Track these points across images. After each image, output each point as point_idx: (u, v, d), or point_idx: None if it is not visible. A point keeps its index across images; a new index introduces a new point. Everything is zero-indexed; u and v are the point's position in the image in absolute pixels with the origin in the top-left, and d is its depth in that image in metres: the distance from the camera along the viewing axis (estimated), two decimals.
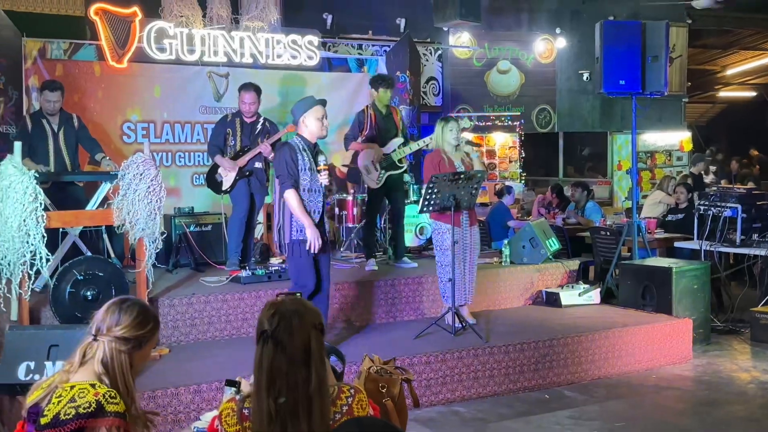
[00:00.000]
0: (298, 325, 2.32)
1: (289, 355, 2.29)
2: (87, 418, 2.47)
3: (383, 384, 2.90)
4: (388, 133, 7.74)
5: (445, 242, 6.32)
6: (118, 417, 2.53)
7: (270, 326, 2.31)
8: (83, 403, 2.49)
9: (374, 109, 7.75)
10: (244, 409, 2.39)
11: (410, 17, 11.27)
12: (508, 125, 12.16)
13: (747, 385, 6.17)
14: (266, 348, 2.31)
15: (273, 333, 2.30)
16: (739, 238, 7.74)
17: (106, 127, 8.35)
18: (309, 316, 2.37)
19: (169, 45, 8.09)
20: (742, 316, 7.83)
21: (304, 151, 5.47)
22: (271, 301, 2.41)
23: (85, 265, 5.74)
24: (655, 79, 7.75)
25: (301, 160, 5.42)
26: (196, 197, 8.62)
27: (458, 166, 6.50)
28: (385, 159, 7.68)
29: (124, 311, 2.66)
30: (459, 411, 5.63)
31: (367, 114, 7.73)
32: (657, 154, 13.73)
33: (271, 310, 2.36)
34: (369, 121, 7.70)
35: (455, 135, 6.52)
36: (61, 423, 2.47)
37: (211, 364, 5.57)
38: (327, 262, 5.76)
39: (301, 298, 2.53)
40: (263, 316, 2.36)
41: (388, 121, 7.79)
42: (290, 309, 2.35)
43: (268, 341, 2.31)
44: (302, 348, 2.30)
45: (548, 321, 6.93)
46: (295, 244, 5.49)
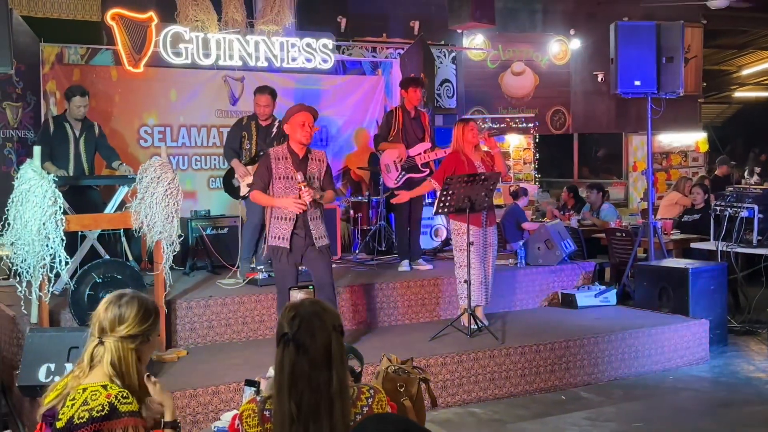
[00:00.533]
0: (319, 327, 2.33)
1: (310, 358, 2.29)
2: (101, 422, 2.49)
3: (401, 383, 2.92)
4: (415, 136, 7.78)
5: (463, 242, 6.31)
6: (133, 416, 2.55)
7: (291, 329, 2.32)
8: (96, 406, 2.50)
9: (403, 110, 7.80)
10: (265, 411, 2.40)
11: (424, 20, 11.28)
12: (522, 127, 12.14)
13: (765, 386, 6.14)
14: (287, 351, 2.31)
15: (294, 336, 2.31)
16: (756, 238, 7.69)
17: (123, 131, 8.41)
18: (328, 317, 2.37)
19: (184, 49, 8.14)
20: (759, 316, 7.80)
21: (284, 159, 5.55)
22: (290, 303, 2.42)
23: (104, 268, 5.80)
24: (670, 79, 7.73)
25: (276, 168, 5.52)
26: (212, 200, 8.68)
27: (478, 166, 6.50)
28: (407, 161, 7.71)
29: (124, 307, 2.64)
30: (475, 412, 5.64)
31: (395, 115, 7.80)
32: (672, 155, 13.67)
33: (291, 312, 2.36)
34: (396, 122, 7.75)
35: (476, 134, 6.54)
36: (75, 427, 2.48)
37: (228, 365, 5.60)
38: (323, 268, 5.68)
39: (318, 300, 2.55)
40: (283, 319, 2.36)
41: (416, 123, 7.82)
42: (310, 311, 2.36)
43: (289, 344, 2.31)
44: (323, 350, 2.31)
45: (564, 322, 6.92)
46: (273, 249, 5.62)
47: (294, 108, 5.70)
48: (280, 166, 5.53)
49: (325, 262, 5.71)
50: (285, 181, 5.51)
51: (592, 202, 10.26)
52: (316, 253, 5.62)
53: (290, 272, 5.63)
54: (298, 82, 9.36)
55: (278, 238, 5.55)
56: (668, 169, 13.54)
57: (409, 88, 7.80)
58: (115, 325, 2.62)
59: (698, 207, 9.43)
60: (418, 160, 7.74)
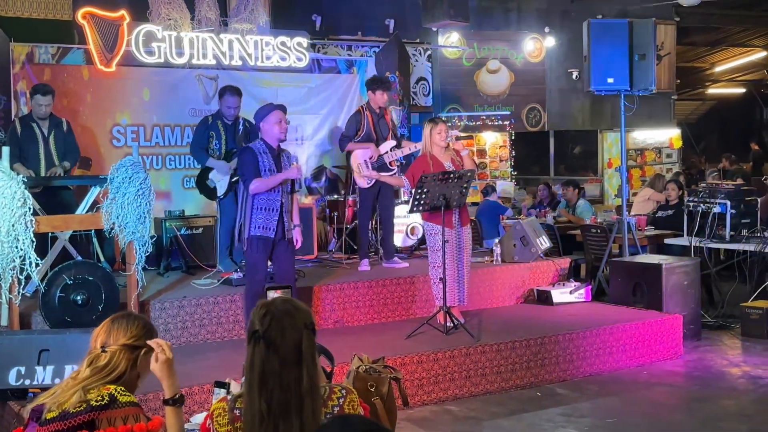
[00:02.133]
0: (290, 325, 2.32)
1: (281, 356, 2.28)
2: (100, 411, 2.44)
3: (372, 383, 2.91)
4: (382, 135, 7.80)
5: (438, 243, 6.34)
6: (134, 406, 2.51)
7: (261, 327, 2.31)
8: (95, 396, 2.47)
9: (370, 110, 7.80)
10: (236, 410, 2.39)
11: (399, 18, 11.28)
12: (498, 125, 12.19)
13: (738, 380, 6.20)
14: (258, 348, 2.31)
15: (264, 333, 2.30)
16: (729, 233, 7.77)
17: (95, 131, 8.33)
18: (300, 315, 2.37)
19: (157, 48, 8.07)
20: (732, 311, 7.86)
21: (265, 153, 5.89)
22: (262, 301, 2.41)
23: (75, 270, 5.73)
24: (643, 76, 7.79)
25: (261, 162, 5.84)
26: (186, 200, 8.61)
27: (448, 166, 6.51)
28: (378, 160, 7.72)
29: (131, 322, 2.67)
30: (451, 410, 5.64)
31: (363, 115, 7.79)
32: (647, 151, 13.78)
33: (263, 310, 2.36)
34: (366, 122, 7.75)
35: (443, 136, 6.54)
36: (70, 416, 2.43)
37: (202, 366, 5.56)
38: (288, 259, 6.01)
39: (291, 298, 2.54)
40: (255, 317, 2.36)
41: (382, 122, 7.85)
42: (282, 309, 2.35)
43: (260, 342, 2.30)
44: (294, 348, 2.30)
45: (540, 319, 6.95)
46: (252, 239, 5.87)
47: (266, 107, 6.03)
48: (264, 160, 5.86)
49: (291, 254, 6.07)
50: (270, 174, 5.84)
51: (567, 198, 10.32)
52: (285, 246, 5.96)
53: (264, 263, 5.94)
54: (272, 80, 9.31)
55: (263, 228, 5.83)
56: (642, 166, 13.64)
57: (376, 90, 7.78)
58: (120, 336, 2.62)
59: (672, 203, 9.50)
60: (386, 158, 7.74)
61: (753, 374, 6.30)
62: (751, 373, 6.34)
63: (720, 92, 20.77)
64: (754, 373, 6.32)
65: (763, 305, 7.38)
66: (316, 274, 7.33)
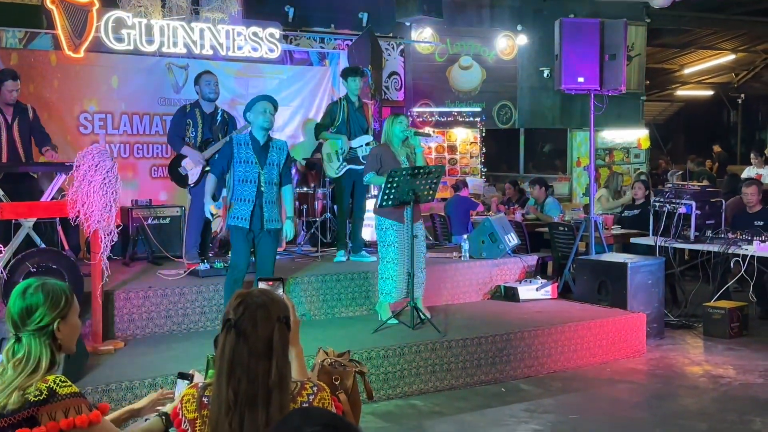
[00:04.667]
0: (263, 317, 2.32)
1: (250, 346, 2.28)
2: (39, 406, 2.36)
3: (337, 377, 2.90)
4: (358, 127, 7.80)
5: (388, 238, 6.41)
6: (75, 397, 2.43)
7: (234, 315, 2.32)
8: (33, 390, 2.38)
9: (347, 100, 7.80)
10: (204, 397, 2.39)
11: (372, 12, 11.25)
12: (469, 121, 12.22)
13: (699, 379, 6.29)
14: (229, 336, 2.31)
15: (237, 322, 2.30)
16: (693, 234, 7.87)
17: (62, 117, 8.21)
18: (275, 308, 2.36)
19: (127, 35, 7.97)
20: (695, 311, 7.97)
21: (246, 145, 5.97)
22: (239, 291, 2.41)
23: (38, 258, 5.66)
24: (613, 76, 7.85)
25: (237, 153, 5.95)
26: (154, 189, 8.53)
27: (403, 161, 6.53)
28: (350, 152, 7.71)
29: (30, 298, 2.49)
30: (416, 404, 5.66)
31: (340, 105, 7.82)
32: (615, 151, 13.90)
33: (238, 299, 2.36)
34: (342, 112, 7.75)
35: (402, 129, 6.55)
36: (9, 413, 2.34)
37: (167, 357, 5.53)
38: (267, 250, 6.07)
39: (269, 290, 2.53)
40: (230, 306, 2.36)
41: (359, 115, 7.85)
42: (257, 300, 2.35)
43: (231, 330, 2.30)
44: (265, 340, 2.30)
45: (506, 315, 6.99)
46: (230, 228, 6.11)
47: (255, 98, 6.12)
48: (241, 152, 5.93)
49: (271, 247, 6.09)
50: (245, 165, 5.93)
51: (535, 196, 10.38)
52: (266, 236, 6.00)
53: (244, 252, 6.04)
54: (243, 71, 9.25)
55: (238, 218, 5.94)
56: (611, 165, 13.76)
57: (348, 77, 7.86)
58: (26, 319, 2.48)
59: (639, 203, 9.60)
60: (360, 152, 7.75)
61: (714, 373, 6.39)
62: (712, 372, 6.44)
63: (688, 94, 21.05)
64: (715, 373, 6.41)
65: (725, 305, 7.49)
66: (284, 267, 7.31)
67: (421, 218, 6.71)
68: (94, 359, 5.35)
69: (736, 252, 7.48)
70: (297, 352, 2.55)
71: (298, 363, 2.56)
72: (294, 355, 2.49)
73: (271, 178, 5.98)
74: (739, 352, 6.98)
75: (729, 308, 7.43)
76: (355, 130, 7.80)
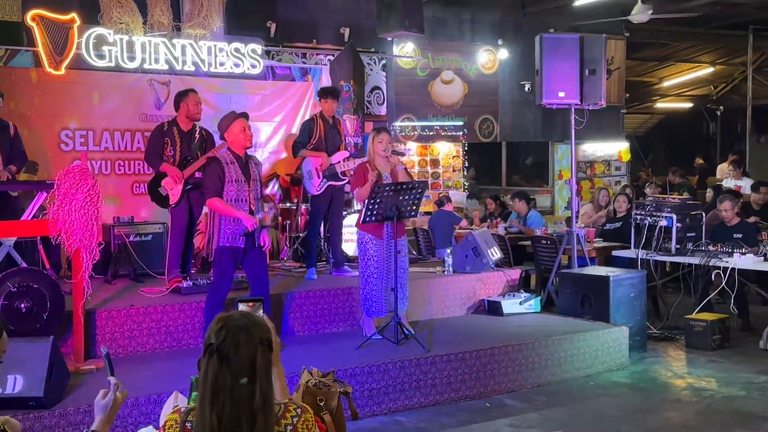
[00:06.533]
0: (245, 340, 2.30)
1: (233, 370, 2.27)
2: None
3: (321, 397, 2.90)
4: (334, 144, 7.82)
5: (367, 251, 6.42)
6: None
7: (216, 340, 2.30)
8: None
9: (322, 118, 7.82)
10: (187, 422, 2.37)
11: (354, 27, 11.30)
12: (451, 135, 12.29)
13: (682, 392, 6.32)
14: (212, 362, 2.29)
15: (219, 347, 2.29)
16: (674, 246, 7.93)
17: (43, 135, 8.18)
18: (257, 331, 2.35)
19: (108, 52, 7.96)
20: (677, 323, 8.01)
21: (232, 164, 5.93)
22: (220, 314, 2.40)
23: (19, 277, 5.60)
24: (593, 91, 7.90)
25: (228, 173, 5.89)
26: (136, 206, 8.50)
27: (386, 177, 6.53)
28: (329, 168, 7.73)
29: None
30: (401, 421, 5.65)
31: (316, 123, 7.81)
32: (596, 164, 14.00)
33: (220, 323, 2.34)
34: (318, 130, 7.77)
35: (384, 146, 6.56)
36: None
37: (150, 377, 5.48)
38: (261, 267, 6.07)
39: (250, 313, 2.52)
40: (211, 330, 2.35)
41: (334, 131, 7.88)
42: (238, 324, 2.33)
43: (214, 355, 2.29)
44: (248, 363, 2.29)
45: (490, 330, 7.00)
46: (221, 250, 5.93)
47: (229, 116, 6.06)
48: (231, 171, 5.89)
49: (264, 263, 6.11)
50: (237, 185, 5.90)
51: (517, 210, 10.41)
52: (257, 254, 6.00)
53: (231, 272, 6.02)
54: (226, 87, 9.25)
55: (232, 238, 5.88)
56: (592, 178, 13.86)
57: (321, 99, 7.91)
58: None
59: (621, 215, 9.65)
60: (338, 168, 7.76)
61: (697, 386, 6.43)
62: (695, 384, 6.47)
63: (668, 107, 21.23)
64: (697, 385, 6.44)
65: (707, 318, 7.54)
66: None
67: (405, 234, 6.72)
68: (76, 379, 5.30)
69: (717, 264, 7.54)
70: (278, 372, 2.55)
71: (279, 383, 2.56)
72: (275, 375, 2.48)
73: (257, 193, 6.05)
74: (721, 364, 7.02)
75: (710, 320, 7.48)
76: (331, 147, 7.81)
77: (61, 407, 4.76)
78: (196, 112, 7.17)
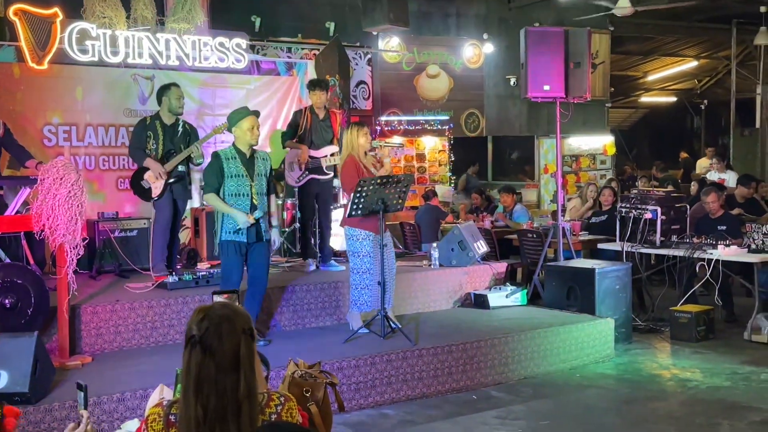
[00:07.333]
0: (228, 330, 2.29)
1: (217, 361, 2.26)
2: None
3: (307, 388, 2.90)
4: (323, 137, 7.78)
5: (363, 248, 6.38)
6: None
7: (199, 331, 2.28)
8: None
9: (311, 111, 7.80)
10: (171, 415, 2.36)
11: (339, 21, 11.29)
12: (437, 129, 12.29)
13: (667, 383, 6.36)
14: (194, 353, 2.28)
15: (201, 338, 2.28)
16: (659, 239, 7.97)
17: (26, 130, 8.10)
18: (239, 321, 2.34)
19: (91, 46, 7.90)
20: (662, 315, 8.06)
21: (233, 159, 5.93)
22: (200, 306, 2.38)
23: (3, 273, 5.56)
24: (577, 84, 7.92)
25: (227, 168, 5.89)
26: (121, 201, 8.45)
27: (373, 171, 6.53)
28: (312, 162, 7.70)
29: None
30: (388, 414, 5.66)
31: (303, 115, 7.80)
32: (582, 157, 14.05)
33: (201, 314, 2.33)
34: (305, 122, 7.74)
35: (368, 139, 6.56)
36: None
37: (135, 372, 5.46)
38: (262, 260, 6.09)
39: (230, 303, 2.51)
40: (192, 321, 2.33)
41: (325, 125, 7.82)
42: (220, 314, 2.32)
43: (197, 346, 2.28)
44: (231, 354, 2.28)
45: (476, 323, 7.02)
46: (224, 244, 5.97)
47: (241, 111, 6.09)
48: (231, 166, 5.90)
49: (266, 256, 6.14)
50: (237, 179, 5.92)
51: (505, 204, 10.44)
52: (260, 249, 6.05)
53: (238, 266, 6.01)
54: (210, 81, 9.21)
55: (234, 232, 5.91)
56: (578, 172, 13.91)
57: (309, 91, 7.92)
58: None
59: (606, 209, 9.68)
60: (324, 162, 7.73)
61: (681, 377, 6.47)
62: (680, 375, 6.51)
63: (652, 100, 21.32)
64: (682, 376, 6.49)
65: (691, 309, 7.59)
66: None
67: (388, 228, 6.71)
68: (62, 375, 5.28)
69: (701, 256, 7.59)
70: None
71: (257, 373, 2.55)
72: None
73: (261, 189, 6.02)
74: (705, 355, 7.07)
75: (695, 312, 7.53)
76: (319, 140, 7.78)
77: (47, 403, 4.74)
78: (178, 107, 7.16)
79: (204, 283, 6.77)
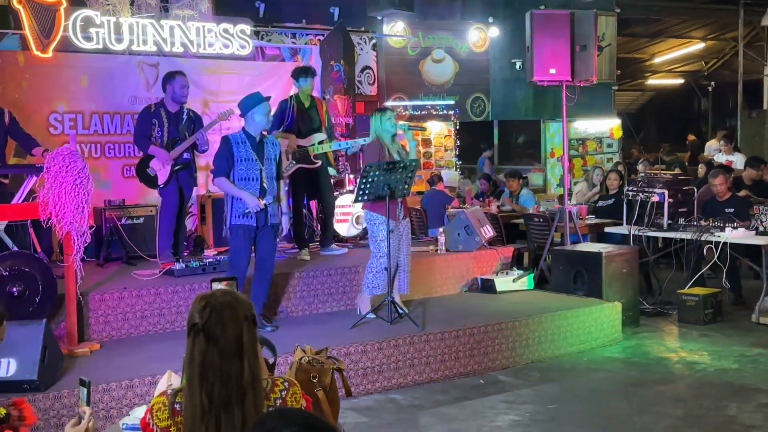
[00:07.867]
0: (230, 317, 2.30)
1: (221, 348, 2.26)
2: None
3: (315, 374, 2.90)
4: (309, 126, 7.74)
5: (381, 233, 6.34)
6: None
7: (201, 319, 2.29)
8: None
9: (296, 100, 7.75)
10: (176, 404, 2.35)
11: (344, 6, 11.22)
12: (443, 114, 12.25)
13: (674, 366, 6.36)
14: (198, 341, 2.28)
15: (204, 326, 2.28)
16: (666, 222, 7.94)
17: (32, 118, 8.09)
18: (241, 308, 2.34)
19: (95, 34, 7.88)
20: (669, 298, 8.05)
21: (243, 143, 5.99)
22: (202, 294, 2.38)
23: (11, 261, 5.58)
24: (584, 67, 7.88)
25: (237, 152, 5.96)
26: (127, 189, 8.46)
27: (396, 157, 6.52)
28: (299, 151, 7.66)
29: None
30: (395, 398, 5.67)
31: (289, 104, 7.75)
32: (588, 141, 13.99)
33: (202, 302, 2.33)
34: (291, 111, 7.70)
35: (393, 124, 6.54)
36: None
37: (143, 358, 5.48)
38: (269, 245, 6.17)
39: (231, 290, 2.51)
40: (194, 309, 2.33)
41: (311, 113, 7.77)
42: (222, 301, 2.32)
43: (200, 334, 2.28)
44: (235, 341, 2.28)
45: (483, 307, 7.02)
46: (233, 228, 6.05)
47: (253, 98, 6.09)
48: (240, 150, 5.97)
49: (273, 240, 6.22)
50: (246, 163, 5.97)
51: (511, 189, 10.42)
52: (268, 231, 6.11)
53: (246, 251, 6.09)
54: (215, 68, 9.18)
55: (243, 216, 5.97)
56: (584, 156, 13.85)
57: (299, 78, 7.80)
58: None
59: (613, 192, 9.66)
60: (312, 151, 7.69)
61: (689, 360, 6.46)
62: (687, 359, 6.51)
63: (659, 83, 21.20)
64: (690, 359, 6.48)
65: (699, 292, 7.57)
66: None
67: (408, 214, 6.74)
68: (70, 362, 5.30)
69: (708, 239, 7.56)
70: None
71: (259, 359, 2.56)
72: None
73: (271, 173, 6.08)
74: (713, 338, 7.06)
75: (703, 295, 7.51)
76: (305, 129, 7.74)
77: (56, 390, 4.76)
78: (183, 95, 7.15)
79: (211, 269, 6.78)
